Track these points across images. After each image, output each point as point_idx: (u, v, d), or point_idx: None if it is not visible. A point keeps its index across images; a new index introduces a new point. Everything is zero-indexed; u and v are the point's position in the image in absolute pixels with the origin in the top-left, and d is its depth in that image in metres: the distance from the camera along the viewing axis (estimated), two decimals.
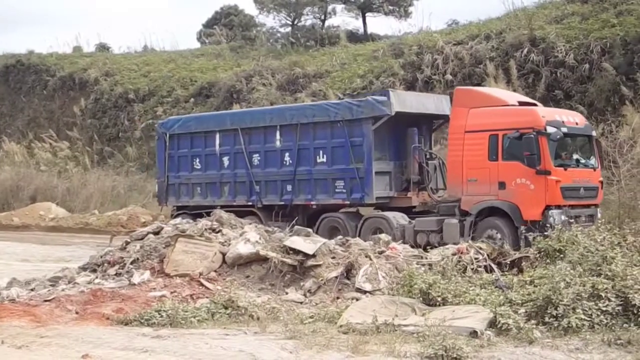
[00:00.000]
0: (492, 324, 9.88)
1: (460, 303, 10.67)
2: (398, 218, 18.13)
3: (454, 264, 12.52)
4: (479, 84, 25.55)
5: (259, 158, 20.91)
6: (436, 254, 13.47)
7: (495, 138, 17.16)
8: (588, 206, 17.36)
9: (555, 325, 9.72)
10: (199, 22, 61.85)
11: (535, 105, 18.89)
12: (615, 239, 11.99)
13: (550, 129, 16.60)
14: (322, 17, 45.77)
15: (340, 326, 10.30)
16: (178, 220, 18.06)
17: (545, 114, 17.53)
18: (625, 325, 9.62)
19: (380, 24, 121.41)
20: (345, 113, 19.34)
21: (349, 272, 12.82)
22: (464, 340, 9.08)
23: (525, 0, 32.37)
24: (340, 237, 15.55)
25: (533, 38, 26.84)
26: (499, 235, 16.03)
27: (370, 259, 13.00)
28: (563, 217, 16.13)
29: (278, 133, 20.56)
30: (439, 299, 10.82)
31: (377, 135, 18.91)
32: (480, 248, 13.47)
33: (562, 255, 11.96)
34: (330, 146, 19.57)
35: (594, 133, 18.33)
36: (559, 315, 9.77)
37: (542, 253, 12.57)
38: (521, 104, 18.46)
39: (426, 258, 13.45)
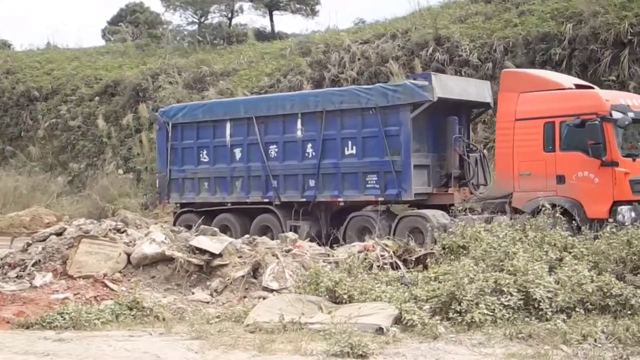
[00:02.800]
0: (398, 320, 9.94)
1: (366, 300, 10.70)
2: (438, 216, 16.32)
3: (360, 262, 12.58)
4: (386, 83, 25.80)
5: (276, 150, 19.13)
6: (342, 252, 13.55)
7: (551, 126, 15.65)
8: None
9: (459, 320, 9.82)
10: (104, 19, 60.73)
11: (592, 88, 17.26)
12: (517, 235, 12.23)
13: (616, 114, 15.04)
14: (229, 15, 45.54)
15: (247, 325, 10.23)
16: (82, 220, 16.97)
17: (609, 97, 15.92)
18: (526, 319, 9.79)
19: (287, 23, 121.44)
20: (379, 99, 17.56)
21: (255, 271, 12.76)
22: (370, 337, 9.12)
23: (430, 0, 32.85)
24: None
25: (438, 37, 27.24)
26: None
27: (277, 258, 12.98)
28: (633, 214, 14.63)
29: (299, 122, 18.75)
30: (345, 296, 10.82)
31: (415, 125, 17.19)
32: (386, 245, 13.60)
33: (466, 252, 12.12)
34: (360, 136, 17.82)
35: None
36: (463, 310, 9.88)
37: (446, 250, 12.69)
38: (577, 87, 16.89)
39: (333, 256, 13.51)
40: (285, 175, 18.85)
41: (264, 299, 11.79)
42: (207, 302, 12.19)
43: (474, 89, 18.80)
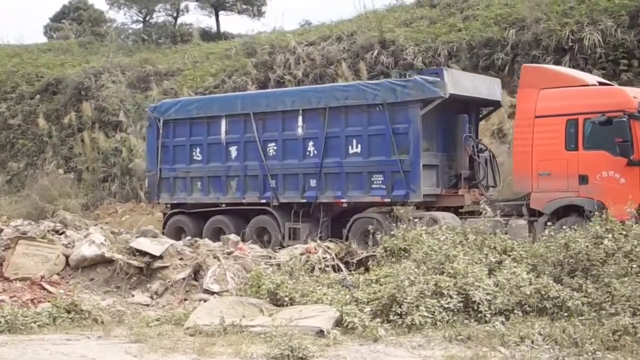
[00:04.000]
0: (339, 322, 9.97)
1: (308, 303, 10.72)
2: (448, 219, 15.42)
3: (302, 264, 12.60)
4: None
5: (275, 148, 18.29)
6: (284, 254, 13.54)
7: (574, 123, 15.01)
8: None
9: (400, 322, 9.88)
10: (46, 15, 59.98)
11: (612, 86, 16.75)
12: (457, 238, 12.35)
13: None
14: (175, 15, 45.32)
15: (187, 328, 10.17)
16: (20, 221, 16.18)
17: (636, 94, 15.19)
18: (465, 321, 9.88)
19: (233, 23, 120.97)
20: (387, 95, 16.73)
21: (197, 273, 12.67)
22: (310, 339, 9.12)
23: (376, 3, 33.13)
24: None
25: (383, 40, 27.44)
26: None
27: (219, 260, 12.92)
28: None
29: (300, 118, 17.91)
30: (287, 299, 10.83)
31: (425, 122, 16.44)
32: (328, 247, 13.63)
33: (407, 254, 12.18)
34: (366, 134, 17.03)
35: None
36: (403, 313, 9.94)
37: (388, 252, 12.73)
38: (600, 84, 16.36)
39: (274, 258, 13.49)
40: (285, 174, 18.11)
41: (204, 301, 11.72)
42: (147, 305, 12.06)
43: (484, 86, 18.13)
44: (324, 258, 13.17)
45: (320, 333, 9.56)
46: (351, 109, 17.30)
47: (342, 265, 13.12)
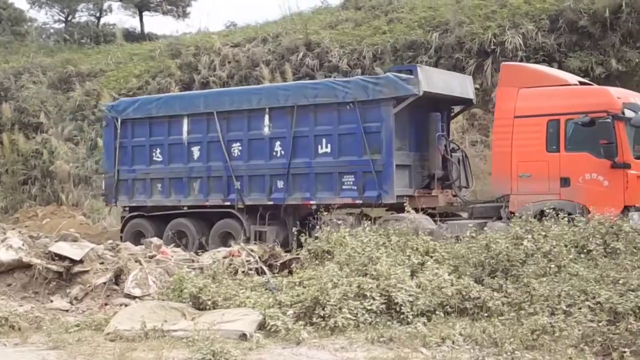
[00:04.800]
0: (262, 326, 9.93)
1: (231, 306, 10.64)
2: (423, 221, 14.82)
3: (225, 267, 12.52)
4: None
5: (240, 148, 17.59)
6: (207, 258, 13.44)
7: (555, 124, 14.58)
8: None
9: (323, 325, 9.88)
10: None
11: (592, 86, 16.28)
12: (380, 240, 12.41)
13: (629, 113, 14.11)
14: (98, 14, 44.76)
15: (108, 334, 10.00)
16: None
17: (620, 94, 14.85)
18: (388, 322, 9.93)
19: (158, 24, 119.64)
20: (359, 92, 16.12)
21: (118, 277, 12.49)
22: (233, 343, 9.07)
23: (301, 5, 33.14)
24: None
25: (308, 42, 27.44)
26: None
27: (141, 264, 12.76)
28: None
29: (267, 117, 17.24)
30: (210, 302, 10.73)
31: (397, 121, 15.84)
32: (252, 250, 13.57)
33: (330, 257, 12.18)
34: (336, 133, 16.39)
35: None
36: (326, 315, 9.95)
37: (312, 254, 12.70)
38: (581, 84, 15.98)
39: (197, 262, 13.38)
40: (251, 176, 17.39)
41: (125, 306, 11.54)
42: (67, 310, 11.85)
43: (457, 84, 17.65)
44: (247, 261, 13.10)
45: (243, 337, 9.51)
46: (321, 107, 16.73)
47: (265, 268, 13.07)
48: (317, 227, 14.47)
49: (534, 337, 8.86)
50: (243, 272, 12.71)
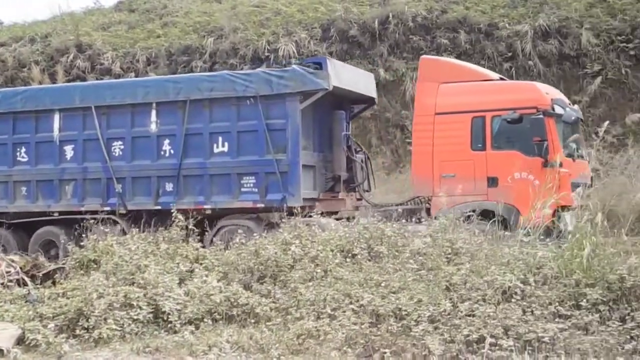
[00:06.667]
0: (21, 340, 9.50)
1: None
2: (331, 225, 13.54)
3: None
4: None
5: (122, 147, 15.70)
6: None
7: (480, 121, 13.89)
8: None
9: (87, 337, 9.60)
10: None
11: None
12: (149, 248, 12.18)
13: (558, 109, 13.66)
14: None
15: None
16: None
17: (548, 90, 14.39)
18: (155, 332, 9.79)
19: None
20: (261, 86, 14.75)
21: None
22: None
23: (72, 4, 32.12)
24: None
25: (79, 44, 26.72)
26: None
27: None
28: (574, 221, 12.00)
29: (154, 113, 15.43)
30: None
31: (303, 118, 14.69)
32: (13, 261, 12.90)
33: (97, 266, 11.82)
34: (235, 130, 14.88)
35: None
36: (91, 326, 9.68)
37: (78, 264, 12.24)
38: (501, 80, 15.35)
39: None
40: (134, 177, 15.55)
41: None
42: None
43: (362, 81, 16.64)
44: (7, 272, 12.42)
45: (0, 352, 9.02)
46: (217, 101, 15.12)
47: (27, 280, 12.46)
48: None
49: (299, 341, 8.98)
50: (2, 284, 12.04)
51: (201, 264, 11.74)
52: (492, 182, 13.77)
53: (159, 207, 15.21)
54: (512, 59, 22.92)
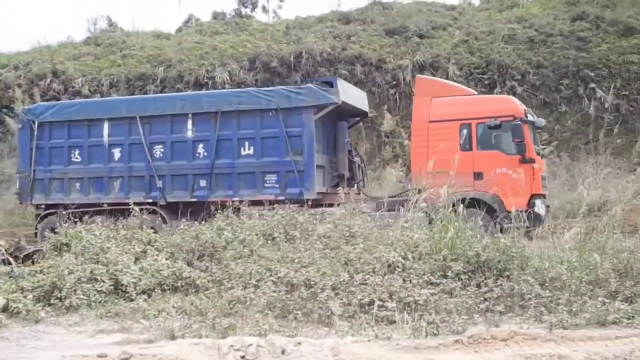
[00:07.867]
0: (5, 309, 9.16)
1: None
2: (336, 213, 13.02)
3: None
4: (7, 107, 24.16)
5: (162, 150, 15.25)
6: None
7: (467, 127, 13.95)
8: (544, 195, 14.32)
9: (60, 305, 9.35)
10: None
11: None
12: (111, 233, 11.90)
13: (530, 117, 13.94)
14: None
15: None
16: None
17: (518, 102, 14.53)
18: (115, 301, 9.59)
19: None
20: (282, 100, 14.58)
21: None
22: None
23: (49, 39, 31.21)
24: None
25: (55, 70, 25.94)
26: None
27: None
28: (544, 206, 13.37)
29: (190, 122, 15.07)
30: None
31: (316, 127, 14.57)
32: None
33: (68, 249, 11.47)
34: (259, 137, 14.65)
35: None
36: (63, 297, 9.43)
37: (53, 247, 11.87)
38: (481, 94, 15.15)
39: None
40: (173, 175, 15.13)
41: None
42: None
43: (359, 97, 16.62)
44: None
45: None
46: (244, 113, 14.87)
47: (11, 259, 12.04)
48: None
49: (230, 306, 8.90)
50: None
51: (153, 246, 11.50)
52: (478, 176, 13.88)
53: (194, 200, 14.94)
54: (396, 87, 23.38)
